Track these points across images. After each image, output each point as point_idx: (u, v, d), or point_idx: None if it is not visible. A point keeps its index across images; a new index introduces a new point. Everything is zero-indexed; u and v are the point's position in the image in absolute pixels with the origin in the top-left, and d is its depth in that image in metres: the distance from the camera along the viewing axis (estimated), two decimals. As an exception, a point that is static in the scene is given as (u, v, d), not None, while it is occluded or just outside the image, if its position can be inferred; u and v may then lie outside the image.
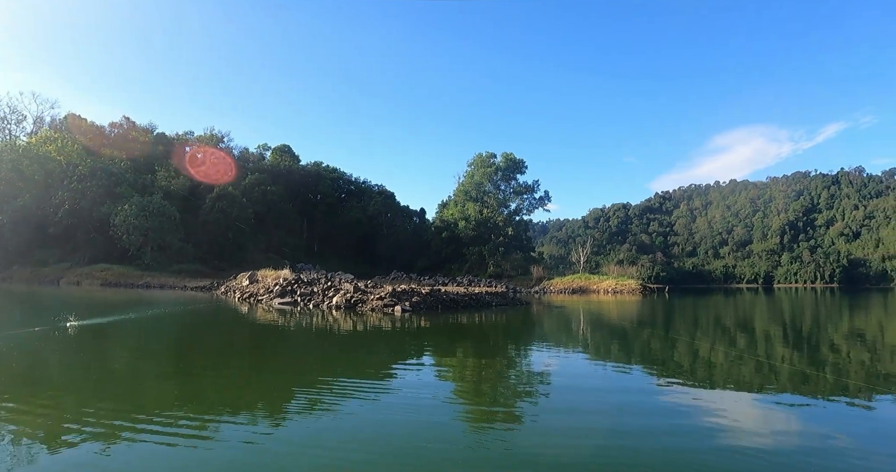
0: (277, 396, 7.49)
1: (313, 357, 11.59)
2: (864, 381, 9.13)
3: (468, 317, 21.81)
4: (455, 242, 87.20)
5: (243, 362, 10.69)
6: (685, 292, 77.73)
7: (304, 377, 9.03)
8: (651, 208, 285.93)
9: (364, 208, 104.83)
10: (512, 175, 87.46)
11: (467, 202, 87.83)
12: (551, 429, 6.06)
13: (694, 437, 5.67)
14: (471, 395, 8.09)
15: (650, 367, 11.02)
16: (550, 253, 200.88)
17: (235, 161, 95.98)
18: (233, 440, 5.33)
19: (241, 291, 32.07)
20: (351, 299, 22.79)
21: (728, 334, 18.25)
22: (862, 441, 5.60)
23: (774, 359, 11.70)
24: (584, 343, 15.16)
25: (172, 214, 69.01)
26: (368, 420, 6.19)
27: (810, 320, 24.74)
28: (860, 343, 15.57)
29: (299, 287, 26.04)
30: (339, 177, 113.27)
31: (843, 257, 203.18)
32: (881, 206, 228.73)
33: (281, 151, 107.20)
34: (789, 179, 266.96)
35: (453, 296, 25.33)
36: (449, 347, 14.06)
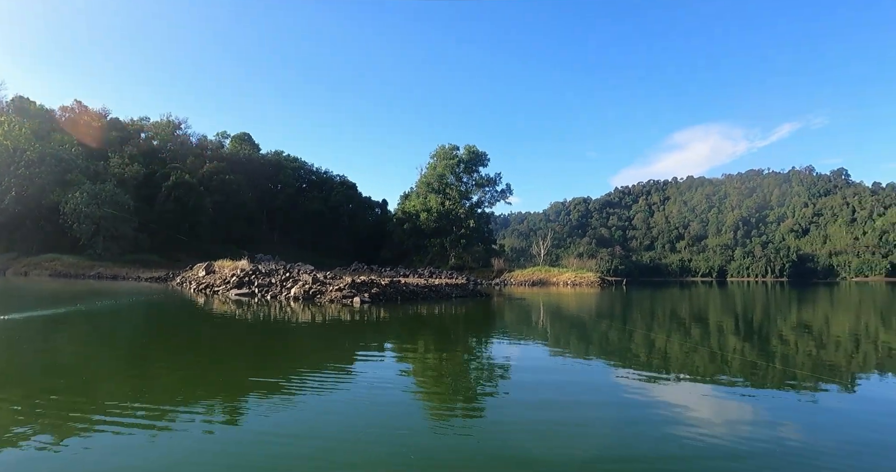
0: (236, 387, 7.45)
1: (272, 349, 11.52)
2: (810, 371, 9.58)
3: (428, 308, 21.95)
4: (417, 233, 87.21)
5: (200, 354, 10.58)
6: (643, 285, 79.55)
7: (263, 369, 9.00)
8: (611, 203, 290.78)
9: (325, 199, 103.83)
10: (474, 168, 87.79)
11: (429, 194, 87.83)
12: (511, 418, 6.23)
13: (649, 425, 5.89)
14: (431, 385, 8.22)
15: (608, 358, 11.34)
16: (512, 246, 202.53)
17: (194, 147, 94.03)
18: (191, 431, 5.31)
19: (197, 282, 31.50)
20: (310, 291, 22.65)
21: (683, 325, 18.83)
22: (808, 428, 5.92)
23: (727, 350, 12.16)
24: (544, 335, 15.44)
25: (126, 203, 67.06)
26: (328, 410, 6.25)
27: (761, 313, 25.63)
28: (807, 335, 16.25)
29: (257, 278, 25.74)
30: (300, 167, 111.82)
31: (793, 253, 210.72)
32: (829, 204, 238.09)
33: (240, 139, 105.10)
34: (743, 177, 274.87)
35: (413, 287, 25.42)
36: (409, 338, 14.17)
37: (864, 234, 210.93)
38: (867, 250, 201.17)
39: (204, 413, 5.98)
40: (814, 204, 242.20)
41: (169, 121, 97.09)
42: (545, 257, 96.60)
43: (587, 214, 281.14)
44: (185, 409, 6.15)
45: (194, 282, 31.94)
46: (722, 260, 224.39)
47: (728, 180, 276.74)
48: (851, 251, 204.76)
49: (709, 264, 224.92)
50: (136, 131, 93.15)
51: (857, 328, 18.49)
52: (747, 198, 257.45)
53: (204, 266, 35.83)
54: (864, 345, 13.95)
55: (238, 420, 5.79)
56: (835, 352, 12.42)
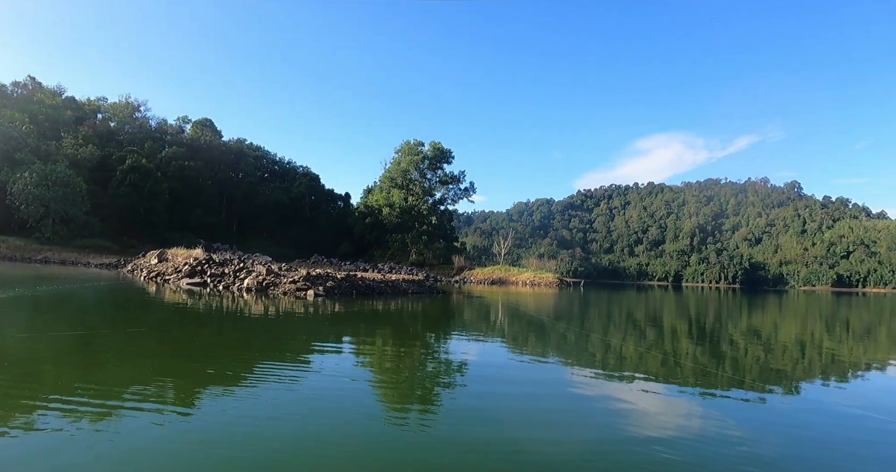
0: (186, 381, 7.12)
1: (223, 341, 11.20)
2: (757, 375, 9.82)
3: (384, 304, 21.77)
4: (378, 228, 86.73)
5: (148, 345, 10.17)
6: (601, 287, 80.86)
7: (214, 362, 8.66)
8: (573, 205, 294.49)
9: (287, 190, 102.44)
10: (438, 164, 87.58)
11: (392, 189, 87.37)
12: (466, 413, 6.21)
13: (601, 425, 5.98)
14: (385, 379, 8.10)
15: (563, 357, 11.35)
16: (474, 244, 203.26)
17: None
18: (140, 427, 5.04)
19: (148, 269, 30.64)
20: (263, 282, 22.23)
21: (638, 328, 19.11)
22: (753, 430, 6.08)
23: (679, 353, 12.36)
24: (500, 333, 15.46)
25: (78, 185, 64.76)
26: (283, 404, 6.05)
27: (713, 318, 26.19)
28: (756, 340, 16.64)
29: (210, 268, 25.13)
30: (262, 156, 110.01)
31: (746, 260, 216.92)
32: (781, 215, 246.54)
33: (202, 124, 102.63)
34: (702, 185, 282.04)
35: (369, 282, 25.21)
36: (361, 333, 13.97)
37: (813, 245, 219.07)
38: (815, 261, 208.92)
39: (154, 410, 5.59)
40: (767, 214, 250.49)
41: (128, 102, 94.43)
42: (506, 256, 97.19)
43: (550, 215, 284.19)
44: (133, 404, 5.75)
45: (145, 270, 31.07)
46: (678, 265, 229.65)
47: (687, 188, 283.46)
48: (801, 261, 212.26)
49: (665, 269, 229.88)
50: (92, 111, 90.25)
51: (804, 335, 19.09)
52: (705, 206, 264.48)
53: (157, 254, 34.89)
54: (809, 351, 14.38)
55: (189, 416, 5.48)
56: (781, 357, 12.73)
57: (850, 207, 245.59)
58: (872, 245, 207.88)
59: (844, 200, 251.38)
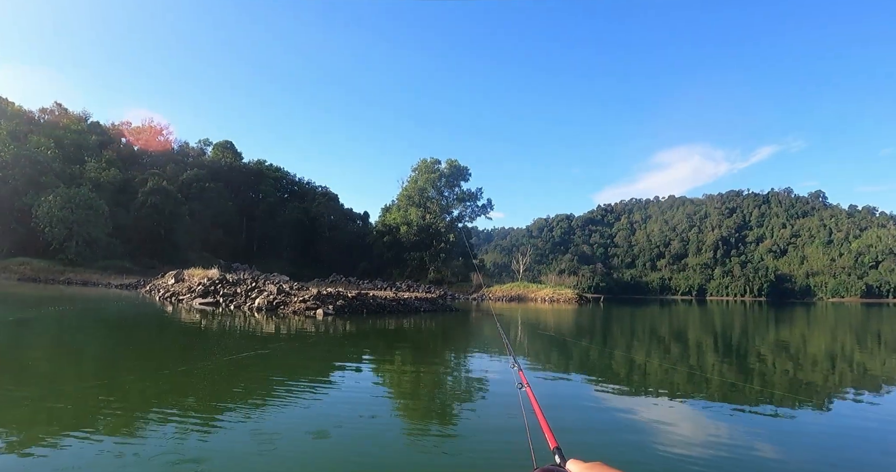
0: (200, 404, 6.94)
1: (234, 362, 11.06)
2: (787, 390, 9.46)
3: (393, 322, 21.57)
4: (397, 246, 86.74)
5: (154, 366, 10.07)
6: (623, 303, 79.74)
7: (231, 383, 8.55)
8: (593, 220, 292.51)
9: (306, 209, 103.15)
10: (456, 182, 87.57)
11: (410, 207, 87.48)
12: (483, 435, 5.99)
13: (630, 444, 5.77)
14: (402, 403, 7.87)
15: (587, 374, 10.96)
16: (494, 261, 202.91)
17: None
18: (161, 451, 4.89)
19: (164, 289, 30.92)
20: (273, 301, 22.22)
21: (663, 343, 18.67)
22: (784, 446, 5.85)
23: (706, 369, 11.97)
24: (515, 350, 15.15)
25: (100, 207, 65.93)
26: (299, 426, 5.89)
27: (739, 332, 25.59)
28: (785, 354, 16.15)
29: (223, 287, 25.24)
30: (282, 176, 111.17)
31: (771, 273, 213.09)
32: (806, 225, 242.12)
33: (223, 147, 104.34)
34: (724, 197, 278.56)
35: (381, 301, 25.04)
36: (367, 352, 13.77)
37: (840, 255, 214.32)
38: (843, 272, 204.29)
39: (175, 433, 5.43)
40: (792, 225, 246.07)
41: (151, 126, 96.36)
42: (525, 272, 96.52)
43: (570, 230, 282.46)
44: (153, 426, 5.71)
45: (162, 290, 31.37)
46: (702, 279, 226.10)
47: (709, 200, 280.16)
48: (828, 272, 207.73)
49: (689, 283, 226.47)
50: (116, 136, 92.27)
51: (833, 348, 18.49)
52: (727, 218, 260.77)
53: (174, 274, 35.22)
54: (840, 365, 13.83)
55: (210, 439, 5.30)
56: (811, 372, 12.29)
57: (877, 216, 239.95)
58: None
59: (871, 209, 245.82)
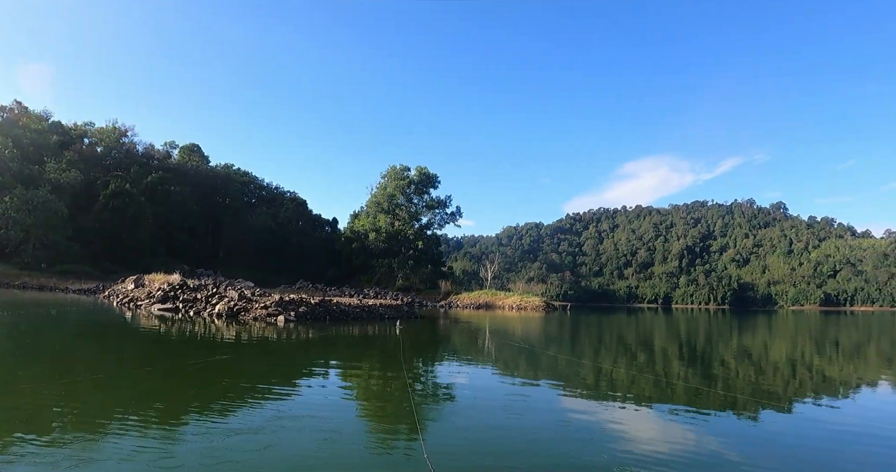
0: (155, 412, 6.64)
1: (192, 370, 10.73)
2: (750, 395, 9.67)
3: (355, 329, 21.37)
4: (365, 253, 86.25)
5: (103, 373, 9.74)
6: (590, 311, 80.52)
7: (189, 391, 8.29)
8: (562, 229, 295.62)
9: (274, 215, 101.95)
10: (425, 189, 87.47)
11: (379, 214, 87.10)
12: (453, 441, 5.99)
13: (596, 450, 5.78)
14: (364, 409, 7.78)
15: (555, 381, 10.91)
16: (463, 268, 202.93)
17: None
18: (123, 456, 4.80)
19: (123, 295, 30.21)
20: (234, 308, 21.84)
21: (630, 351, 18.85)
22: (747, 450, 5.97)
23: (671, 375, 12.10)
24: (479, 358, 15.13)
25: (60, 210, 63.99)
26: (258, 434, 5.73)
27: (704, 339, 26.01)
28: (747, 361, 16.41)
29: (183, 293, 24.73)
30: (250, 181, 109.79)
31: (734, 281, 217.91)
32: (768, 236, 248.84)
33: (189, 150, 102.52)
34: (689, 208, 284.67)
35: (344, 307, 24.80)
36: (331, 360, 13.52)
37: (800, 265, 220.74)
38: (803, 281, 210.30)
39: (133, 440, 5.27)
40: (754, 235, 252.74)
41: (115, 127, 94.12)
42: (493, 280, 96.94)
43: (539, 239, 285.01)
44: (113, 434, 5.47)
45: (120, 295, 30.65)
46: (667, 287, 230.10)
47: (674, 210, 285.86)
48: (788, 281, 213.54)
49: (655, 291, 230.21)
50: (78, 136, 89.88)
51: (794, 355, 18.93)
52: (692, 228, 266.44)
53: (133, 279, 34.45)
54: (800, 371, 14.12)
55: (165, 447, 5.15)
56: (773, 377, 12.54)
57: (835, 227, 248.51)
58: (858, 264, 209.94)
59: (829, 220, 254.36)
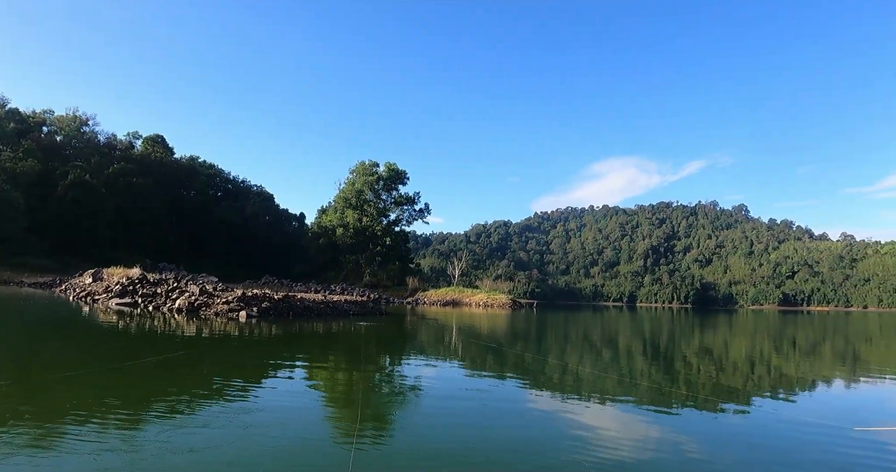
0: (109, 411, 6.38)
1: (153, 366, 10.51)
2: (710, 393, 9.86)
3: (322, 326, 21.20)
4: (333, 249, 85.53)
5: (54, 371, 9.51)
6: (557, 308, 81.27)
7: (145, 389, 8.09)
8: (530, 227, 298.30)
9: (241, 209, 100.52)
10: (393, 185, 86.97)
11: (347, 209, 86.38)
12: (416, 442, 5.90)
13: (559, 448, 5.84)
14: (324, 407, 7.72)
15: (521, 379, 10.80)
16: (432, 265, 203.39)
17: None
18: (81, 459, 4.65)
19: (80, 289, 29.49)
20: (195, 303, 21.46)
21: (595, 348, 18.96)
22: (709, 446, 6.16)
23: (635, 373, 12.23)
24: (438, 355, 15.19)
25: (15, 200, 62.03)
26: (221, 433, 5.60)
27: (667, 337, 26.41)
28: (708, 358, 16.71)
29: (142, 287, 24.22)
30: (216, 174, 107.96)
31: (697, 281, 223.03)
32: (730, 237, 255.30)
33: (153, 141, 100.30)
34: (654, 208, 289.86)
35: (308, 303, 24.57)
36: (280, 356, 13.36)
37: (760, 265, 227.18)
38: (762, 281, 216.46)
39: (89, 437, 5.11)
40: (717, 236, 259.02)
41: (75, 116, 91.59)
42: (461, 277, 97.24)
43: (507, 237, 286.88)
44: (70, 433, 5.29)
45: (77, 289, 29.92)
46: (632, 286, 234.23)
47: (641, 211, 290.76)
48: (749, 281, 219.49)
49: (620, 290, 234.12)
50: (37, 124, 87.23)
51: (753, 353, 19.39)
52: (657, 228, 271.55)
53: (91, 273, 33.67)
54: (759, 368, 14.43)
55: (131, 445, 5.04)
56: (733, 375, 12.78)
57: (794, 229, 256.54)
58: (815, 265, 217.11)
59: (789, 223, 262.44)
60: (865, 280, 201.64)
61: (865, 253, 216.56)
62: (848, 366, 16.07)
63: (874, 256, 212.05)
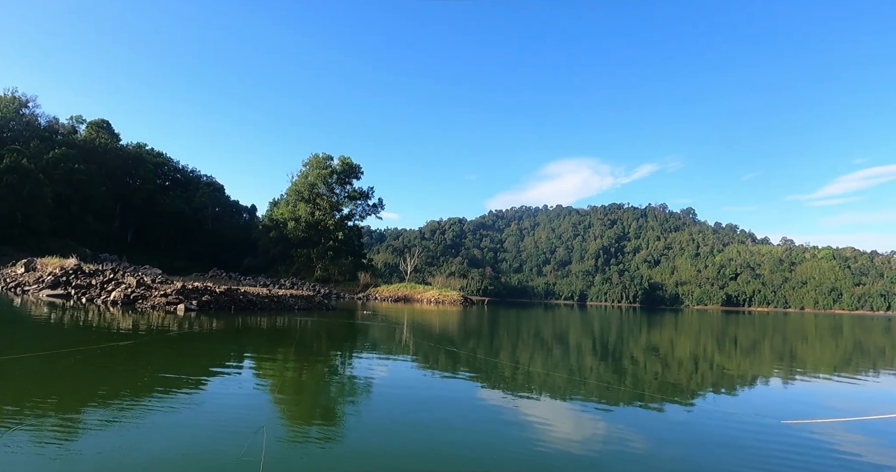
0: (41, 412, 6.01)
1: (78, 363, 9.99)
2: (656, 390, 10.04)
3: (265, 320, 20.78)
4: (284, 242, 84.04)
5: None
6: (509, 305, 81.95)
7: (74, 389, 7.51)
8: (485, 225, 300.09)
9: (189, 199, 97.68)
10: (347, 180, 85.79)
11: (299, 203, 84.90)
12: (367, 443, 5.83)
13: (508, 442, 5.94)
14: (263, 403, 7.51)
15: (472, 377, 10.78)
16: (385, 261, 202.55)
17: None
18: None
19: (10, 279, 28.19)
20: (131, 295, 20.71)
21: (545, 346, 19.01)
22: (653, 440, 6.34)
23: (584, 370, 12.39)
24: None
25: (-56, 185, 58.95)
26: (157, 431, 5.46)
27: (615, 336, 26.83)
28: (655, 356, 17.00)
29: (76, 278, 23.28)
30: (164, 162, 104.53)
31: (645, 281, 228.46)
32: (678, 239, 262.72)
33: (98, 126, 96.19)
34: (606, 209, 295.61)
35: (252, 297, 24.00)
36: (222, 353, 12.96)
37: (705, 267, 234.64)
38: (707, 282, 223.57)
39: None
40: (665, 238, 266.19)
41: (14, 97, 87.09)
42: (413, 273, 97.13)
43: (461, 234, 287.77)
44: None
45: (7, 279, 28.58)
46: (583, 285, 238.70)
47: (593, 212, 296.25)
48: (694, 282, 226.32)
49: (571, 288, 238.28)
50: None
51: (697, 351, 19.95)
52: (609, 229, 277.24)
53: (24, 262, 32.21)
54: (702, 366, 14.84)
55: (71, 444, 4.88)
56: (678, 373, 13.08)
57: (738, 233, 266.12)
58: (757, 268, 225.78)
59: (733, 227, 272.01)
60: (803, 283, 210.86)
61: (804, 257, 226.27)
62: (785, 364, 16.71)
63: (811, 260, 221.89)
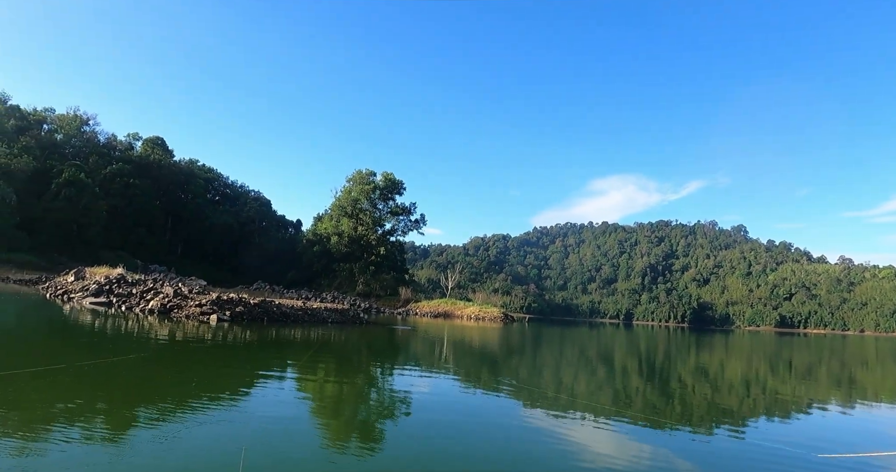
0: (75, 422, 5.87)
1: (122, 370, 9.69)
2: (705, 413, 9.71)
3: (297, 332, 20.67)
4: (327, 256, 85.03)
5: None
6: (552, 324, 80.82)
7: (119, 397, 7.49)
8: (529, 242, 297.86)
9: (237, 214, 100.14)
10: (390, 195, 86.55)
11: (342, 218, 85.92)
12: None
13: (552, 461, 5.81)
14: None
15: (517, 395, 10.58)
16: (429, 277, 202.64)
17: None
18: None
19: (59, 287, 29.13)
20: (168, 304, 21.09)
21: (590, 365, 18.66)
22: (700, 468, 6.06)
23: (630, 391, 12.02)
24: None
25: (8, 196, 61.72)
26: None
27: (663, 357, 26.06)
28: (704, 379, 16.37)
29: (118, 287, 23.85)
30: (214, 178, 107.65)
31: (694, 300, 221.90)
32: (728, 257, 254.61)
33: (153, 142, 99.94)
34: (654, 226, 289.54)
35: (286, 309, 24.04)
36: (245, 365, 12.65)
37: (757, 287, 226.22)
38: (759, 302, 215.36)
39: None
40: (715, 256, 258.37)
41: (76, 115, 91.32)
42: (455, 289, 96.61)
43: (505, 250, 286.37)
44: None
45: (57, 287, 29.55)
46: (629, 303, 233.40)
47: (639, 229, 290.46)
48: (746, 302, 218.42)
49: (617, 307, 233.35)
50: (37, 122, 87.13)
51: (749, 375, 19.02)
52: (656, 246, 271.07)
53: (74, 271, 33.28)
54: (754, 390, 14.07)
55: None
56: (727, 396, 12.52)
57: (792, 251, 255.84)
58: (813, 288, 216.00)
59: (787, 245, 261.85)
60: (863, 304, 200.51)
61: (863, 277, 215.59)
62: (843, 391, 15.70)
63: (872, 280, 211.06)
